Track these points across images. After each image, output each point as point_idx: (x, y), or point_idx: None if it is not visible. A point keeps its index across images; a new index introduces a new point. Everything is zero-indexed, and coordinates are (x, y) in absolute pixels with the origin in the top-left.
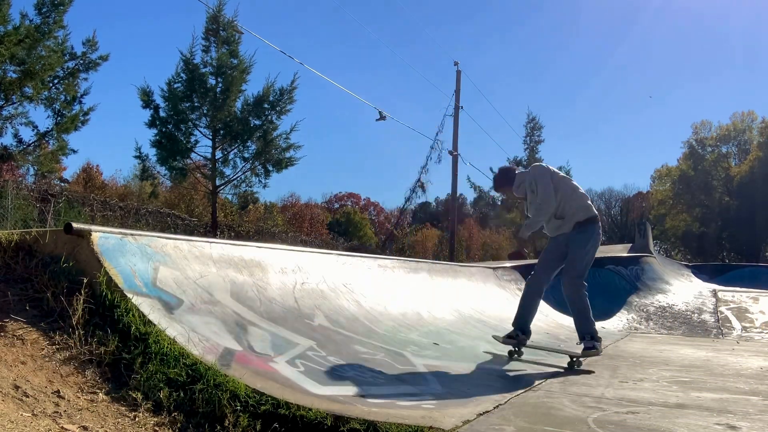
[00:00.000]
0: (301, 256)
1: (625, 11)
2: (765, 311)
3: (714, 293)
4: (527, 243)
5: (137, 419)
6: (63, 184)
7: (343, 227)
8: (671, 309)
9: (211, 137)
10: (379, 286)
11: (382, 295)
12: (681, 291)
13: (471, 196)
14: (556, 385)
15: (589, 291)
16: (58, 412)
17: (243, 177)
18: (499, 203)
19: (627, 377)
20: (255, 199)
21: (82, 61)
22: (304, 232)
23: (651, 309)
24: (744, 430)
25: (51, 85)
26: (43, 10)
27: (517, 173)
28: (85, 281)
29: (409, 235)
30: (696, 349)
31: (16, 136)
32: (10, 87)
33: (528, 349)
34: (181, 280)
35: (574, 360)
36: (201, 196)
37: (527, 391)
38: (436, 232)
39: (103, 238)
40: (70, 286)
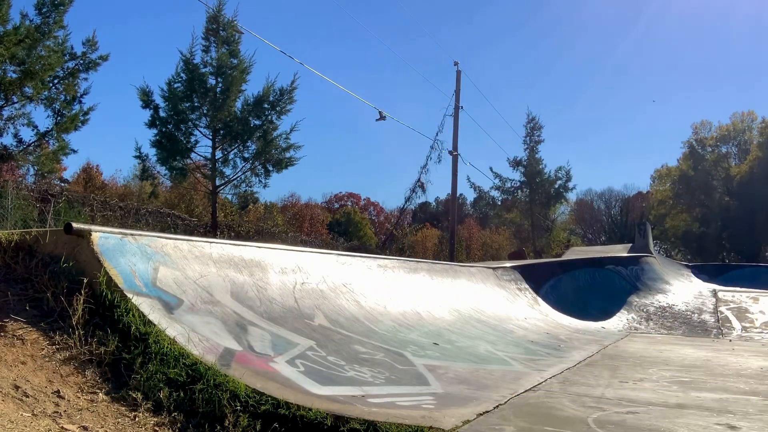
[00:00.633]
0: (301, 256)
1: (626, 11)
2: (765, 311)
3: (714, 293)
4: None
5: (137, 419)
6: (63, 185)
7: (343, 227)
8: (671, 309)
9: (211, 137)
10: (379, 286)
11: (381, 295)
12: (681, 291)
13: (471, 196)
14: (556, 386)
15: (589, 291)
16: (58, 412)
17: (243, 177)
18: (499, 203)
19: (627, 377)
20: (255, 199)
21: (82, 61)
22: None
23: (651, 309)
24: (744, 430)
25: (51, 85)
26: (43, 10)
27: None
28: (85, 281)
29: (409, 235)
30: (696, 349)
31: (16, 136)
32: (10, 87)
33: None
34: (181, 280)
35: None
36: (201, 196)
37: (527, 391)
38: (436, 232)
39: (103, 238)
40: (70, 286)
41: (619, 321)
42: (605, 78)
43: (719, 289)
